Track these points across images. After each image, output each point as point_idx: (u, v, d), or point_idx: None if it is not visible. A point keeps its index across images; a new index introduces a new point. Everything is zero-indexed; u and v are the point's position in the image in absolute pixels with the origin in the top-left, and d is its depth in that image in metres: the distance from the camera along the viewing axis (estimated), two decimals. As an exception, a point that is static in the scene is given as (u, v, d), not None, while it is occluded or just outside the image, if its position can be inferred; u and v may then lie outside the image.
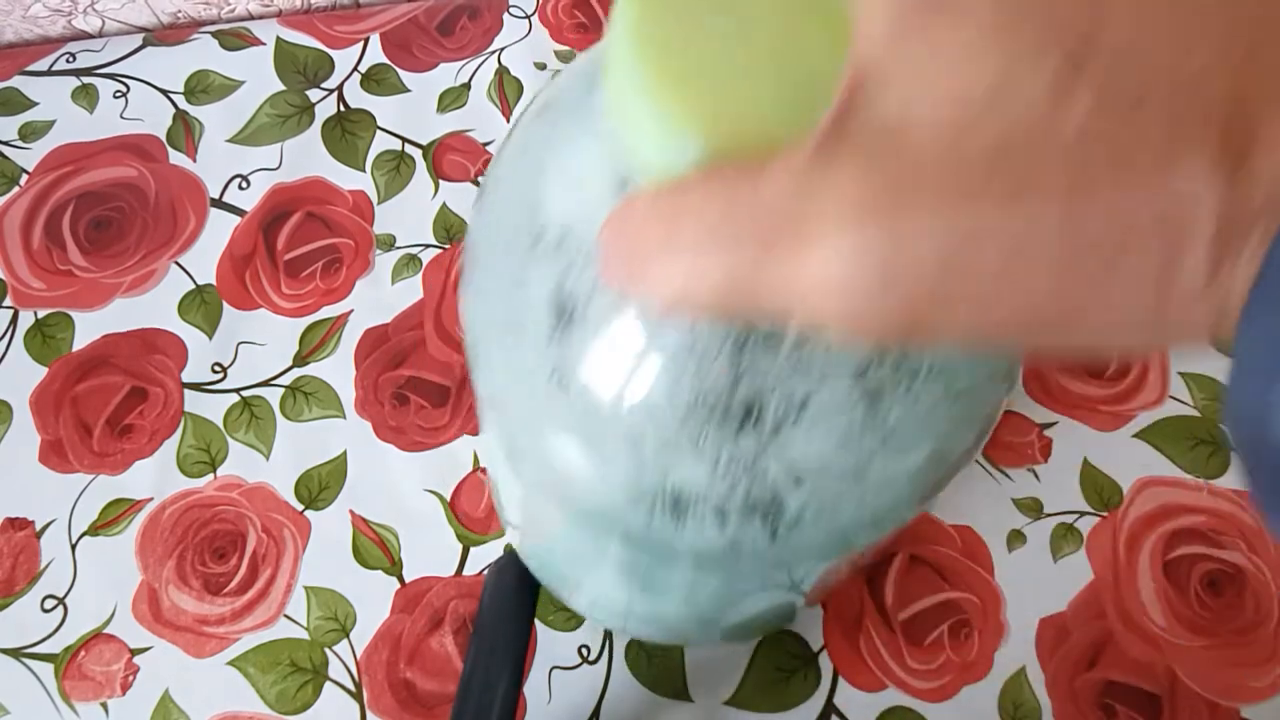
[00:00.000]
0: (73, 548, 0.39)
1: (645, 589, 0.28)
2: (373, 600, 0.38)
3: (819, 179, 0.13)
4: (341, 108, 0.48)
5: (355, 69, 0.49)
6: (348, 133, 0.48)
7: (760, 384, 0.20)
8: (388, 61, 0.49)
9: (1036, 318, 0.12)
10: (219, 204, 0.46)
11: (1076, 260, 0.11)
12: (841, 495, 0.21)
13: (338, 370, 0.42)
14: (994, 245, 0.12)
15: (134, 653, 0.37)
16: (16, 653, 0.37)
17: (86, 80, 0.49)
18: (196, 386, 0.42)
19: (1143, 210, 0.11)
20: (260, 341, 0.43)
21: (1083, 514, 0.40)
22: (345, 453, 0.41)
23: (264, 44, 0.50)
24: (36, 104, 0.48)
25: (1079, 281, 0.12)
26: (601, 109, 0.19)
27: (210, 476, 0.40)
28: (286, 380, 0.42)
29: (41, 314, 0.43)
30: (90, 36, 0.51)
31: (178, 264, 0.44)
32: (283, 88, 0.49)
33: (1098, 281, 0.12)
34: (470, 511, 0.40)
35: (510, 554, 0.38)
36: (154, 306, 0.43)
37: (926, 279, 0.12)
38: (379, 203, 0.46)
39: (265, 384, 0.42)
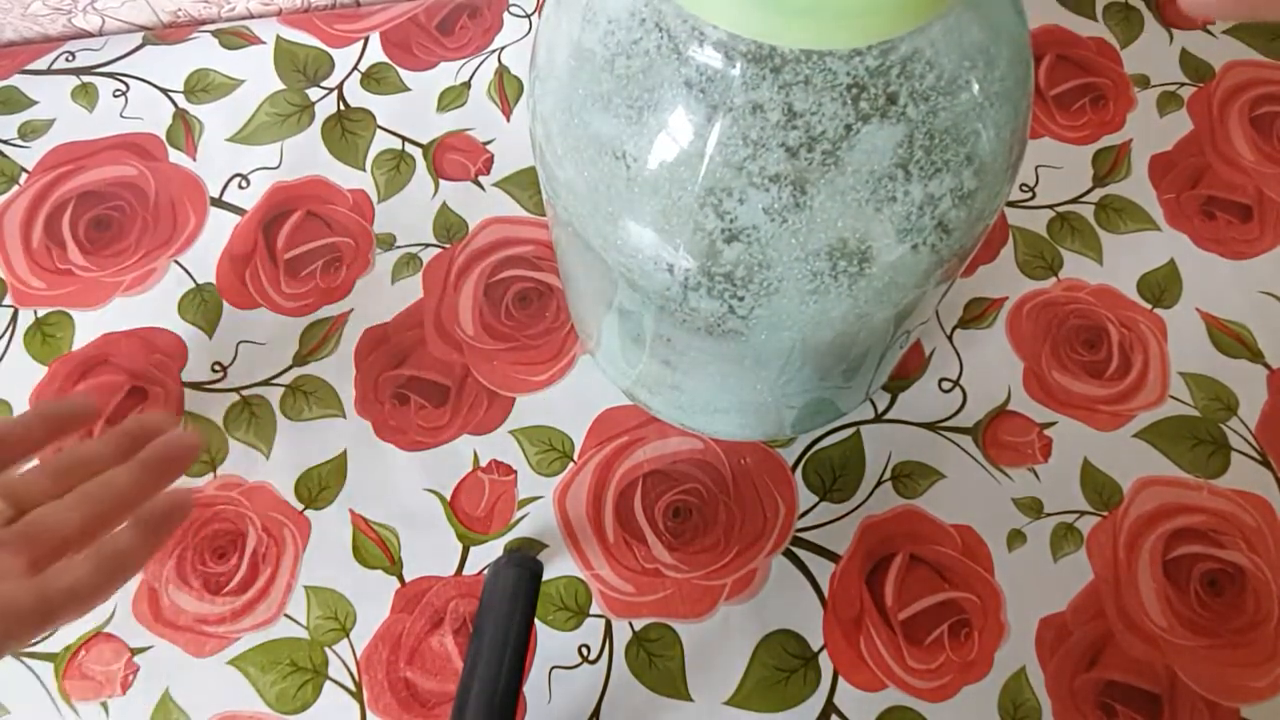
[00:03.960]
0: (73, 547, 0.39)
1: (674, 368, 0.34)
2: (373, 600, 0.38)
3: None
4: (341, 106, 0.48)
5: (355, 68, 0.49)
6: (348, 132, 0.47)
7: (705, 145, 0.24)
8: (388, 60, 0.49)
9: None
10: (219, 203, 0.46)
11: None
12: (771, 260, 0.25)
13: (338, 369, 0.42)
14: None
15: (134, 652, 0.37)
16: (17, 652, 0.37)
17: (86, 79, 0.49)
18: (196, 386, 0.42)
19: None
20: (260, 340, 0.43)
21: (1083, 514, 0.39)
22: (345, 452, 0.41)
23: (264, 43, 0.50)
24: (36, 103, 0.48)
25: None
26: None
27: (210, 476, 0.40)
28: (286, 379, 0.42)
29: (41, 313, 0.43)
30: (90, 35, 0.51)
31: (177, 263, 0.44)
32: (283, 86, 0.49)
33: None
34: (470, 511, 0.40)
35: (510, 553, 0.38)
36: (154, 306, 0.43)
37: None
38: (379, 202, 0.46)
39: (265, 383, 0.42)
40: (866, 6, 0.20)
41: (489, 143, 0.47)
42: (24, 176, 0.46)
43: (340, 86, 0.49)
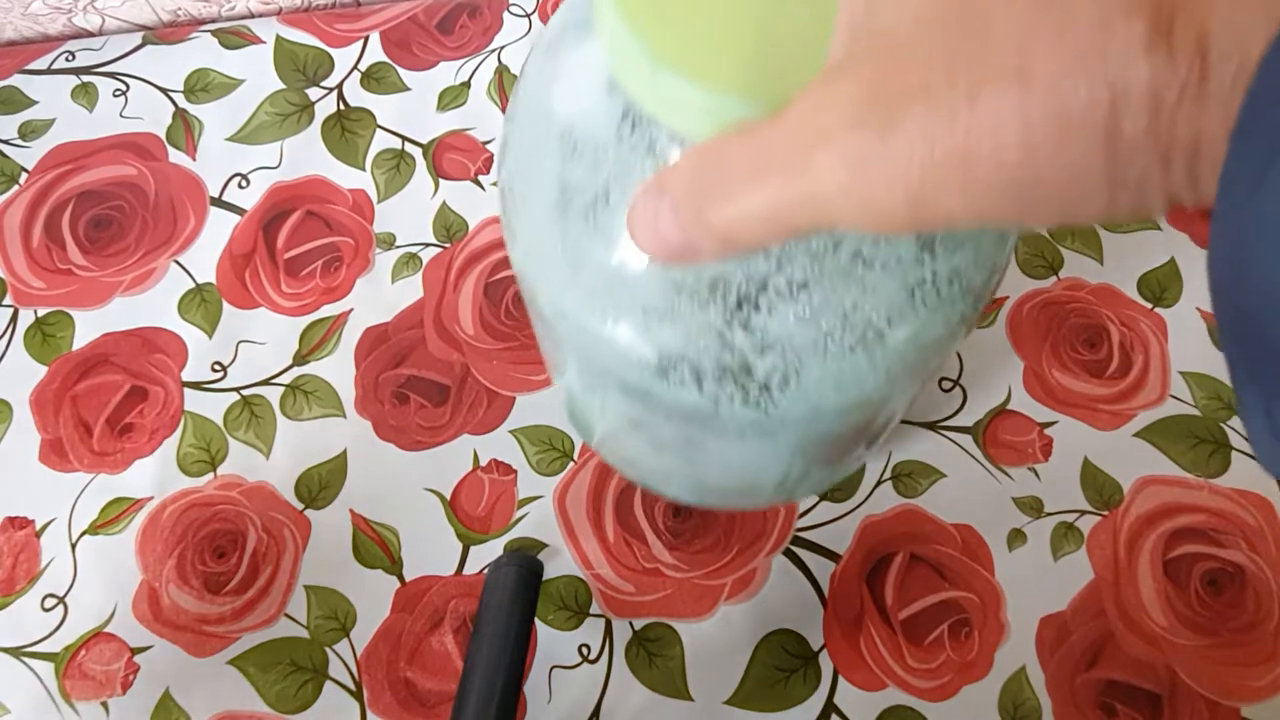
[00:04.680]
0: (73, 547, 0.39)
1: (655, 447, 0.32)
2: (373, 599, 0.38)
3: (826, 96, 0.15)
4: (341, 106, 0.48)
5: (355, 67, 0.49)
6: (348, 131, 0.47)
7: (726, 265, 0.22)
8: (387, 60, 0.49)
9: (1017, 191, 0.14)
10: (219, 203, 0.46)
11: (1034, 131, 0.13)
12: (806, 365, 0.24)
13: (338, 369, 0.42)
14: (965, 131, 0.13)
15: (134, 652, 0.37)
16: (17, 652, 0.37)
17: (86, 79, 0.49)
18: (196, 385, 0.42)
19: (1083, 80, 0.13)
20: (260, 340, 0.43)
21: (1083, 513, 0.39)
22: (345, 452, 0.41)
23: (264, 42, 0.50)
24: (36, 102, 0.48)
25: (1041, 150, 0.13)
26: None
27: (210, 475, 0.40)
28: (286, 379, 0.42)
29: (41, 313, 0.43)
30: (90, 34, 0.51)
31: (177, 263, 0.44)
32: (282, 86, 0.49)
33: (1055, 147, 0.13)
34: (470, 511, 0.40)
35: (510, 553, 0.38)
36: (154, 305, 0.43)
37: (918, 171, 0.14)
38: (379, 201, 0.46)
39: (265, 383, 0.42)
40: None
41: (489, 142, 0.47)
42: (24, 176, 0.46)
43: (340, 86, 0.49)
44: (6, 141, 0.47)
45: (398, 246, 0.45)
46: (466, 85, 0.49)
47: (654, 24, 0.19)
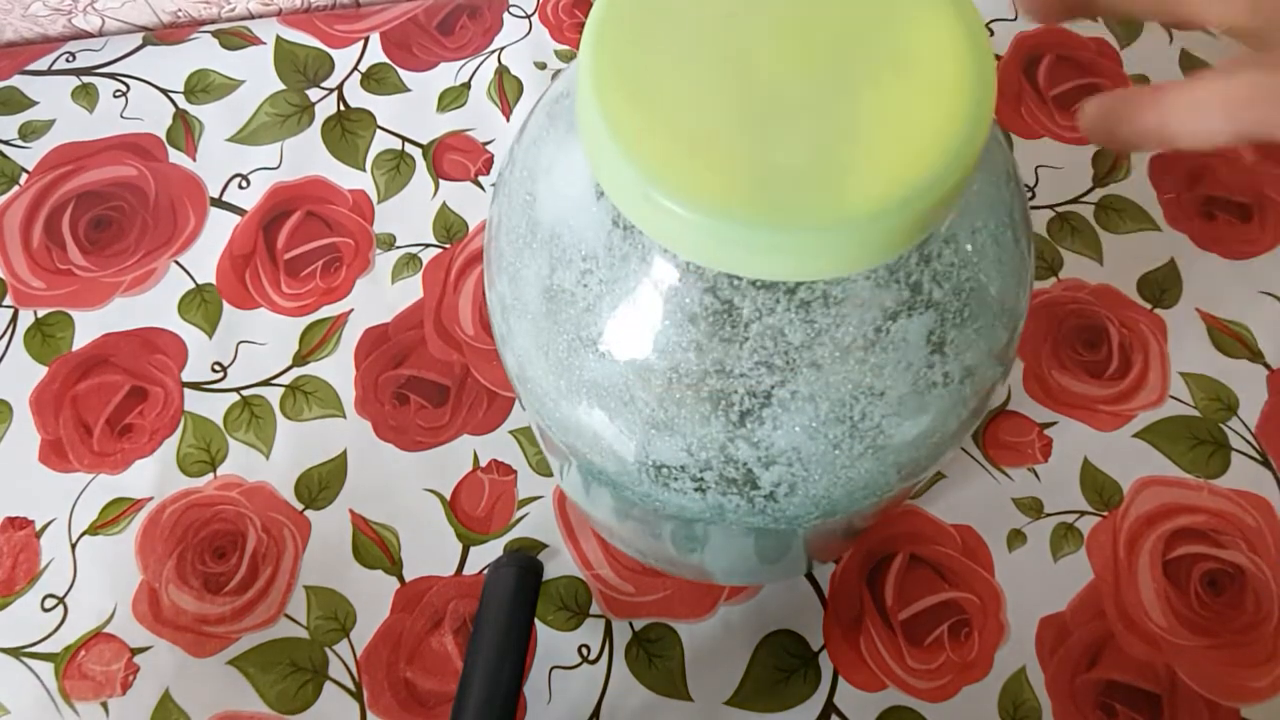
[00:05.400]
0: (73, 547, 0.39)
1: (653, 537, 0.31)
2: (373, 600, 0.38)
3: None
4: (341, 107, 0.48)
5: (355, 68, 0.49)
6: (348, 132, 0.48)
7: (727, 379, 0.22)
8: (388, 61, 0.49)
9: None
10: (219, 203, 0.46)
11: None
12: (814, 475, 0.23)
13: (338, 369, 0.42)
14: None
15: (134, 652, 0.37)
16: (16, 652, 0.37)
17: (86, 79, 0.49)
18: (196, 386, 0.42)
19: None
20: (260, 341, 0.43)
21: (1083, 514, 0.40)
22: (345, 452, 0.41)
23: (264, 43, 0.50)
24: (36, 103, 0.48)
25: None
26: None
27: (210, 476, 0.40)
28: (286, 379, 0.42)
29: (41, 313, 0.43)
30: (90, 35, 0.51)
31: (178, 263, 0.44)
32: (283, 87, 0.49)
33: None
34: (470, 511, 0.40)
35: (510, 554, 0.38)
36: (154, 306, 0.43)
37: None
38: (379, 202, 0.46)
39: (265, 383, 0.42)
40: (884, 244, 0.18)
41: (489, 143, 0.47)
42: (24, 177, 0.46)
43: (340, 87, 0.49)
44: (6, 142, 0.47)
45: (398, 247, 0.45)
46: (466, 86, 0.49)
47: (643, 139, 0.18)
